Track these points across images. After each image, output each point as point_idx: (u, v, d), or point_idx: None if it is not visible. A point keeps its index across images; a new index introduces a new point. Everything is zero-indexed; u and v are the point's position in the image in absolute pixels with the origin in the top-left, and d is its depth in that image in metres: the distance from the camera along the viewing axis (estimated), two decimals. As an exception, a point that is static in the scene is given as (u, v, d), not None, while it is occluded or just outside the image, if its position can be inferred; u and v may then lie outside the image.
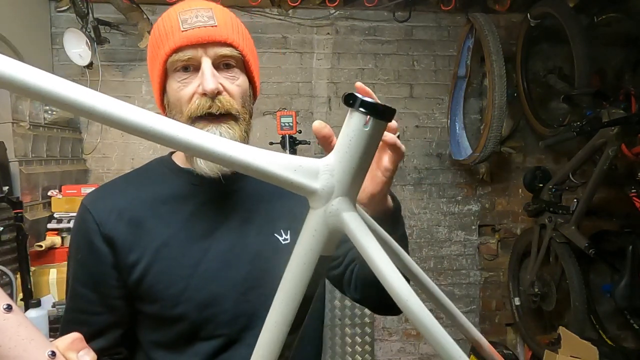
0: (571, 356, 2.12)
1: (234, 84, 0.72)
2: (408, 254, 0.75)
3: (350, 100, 0.33)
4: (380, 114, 0.33)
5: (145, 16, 2.48)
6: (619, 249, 2.33)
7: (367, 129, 0.33)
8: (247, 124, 0.75)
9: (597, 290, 2.69)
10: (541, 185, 2.60)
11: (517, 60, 2.75)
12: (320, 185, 0.34)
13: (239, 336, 0.73)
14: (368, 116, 0.33)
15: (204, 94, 0.69)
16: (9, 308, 0.30)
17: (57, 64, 2.62)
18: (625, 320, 2.47)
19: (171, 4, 0.77)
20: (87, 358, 0.40)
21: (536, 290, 2.46)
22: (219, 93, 0.69)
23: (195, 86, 0.70)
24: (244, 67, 0.75)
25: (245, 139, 0.74)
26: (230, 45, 0.70)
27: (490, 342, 0.49)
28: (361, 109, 0.33)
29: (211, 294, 0.72)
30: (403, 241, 0.68)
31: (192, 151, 0.33)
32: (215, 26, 0.69)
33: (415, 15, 2.77)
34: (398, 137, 0.59)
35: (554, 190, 2.45)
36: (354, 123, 0.33)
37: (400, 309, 0.32)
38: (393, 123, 0.57)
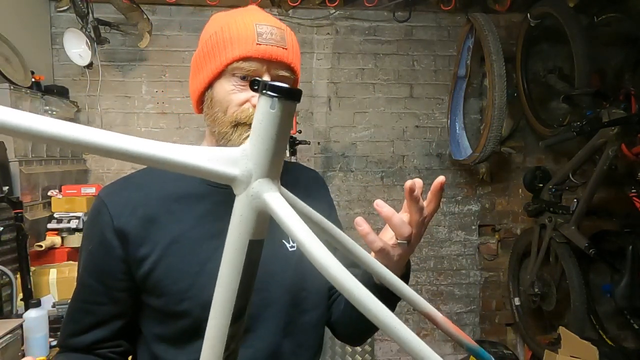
0: (571, 356, 2.12)
1: None
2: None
3: (255, 86, 0.35)
4: (284, 94, 0.34)
5: (145, 16, 2.48)
6: (619, 249, 2.34)
7: (274, 111, 0.34)
8: None
9: (597, 290, 2.69)
10: (541, 185, 2.61)
11: (517, 60, 2.76)
12: (239, 171, 0.35)
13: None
14: (274, 98, 0.34)
15: None
16: None
17: (57, 64, 2.62)
18: (625, 320, 2.47)
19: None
20: None
21: (536, 290, 2.46)
22: None
23: (249, 95, 0.72)
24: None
25: None
26: (291, 68, 0.75)
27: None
28: (266, 92, 0.34)
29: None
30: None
31: (111, 154, 0.32)
32: (285, 49, 0.73)
33: (415, 15, 2.77)
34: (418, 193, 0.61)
35: (554, 190, 2.45)
36: (262, 106, 0.35)
37: (331, 282, 0.32)
38: (418, 182, 0.60)
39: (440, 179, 0.60)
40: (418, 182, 0.60)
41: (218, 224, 0.73)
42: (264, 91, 0.34)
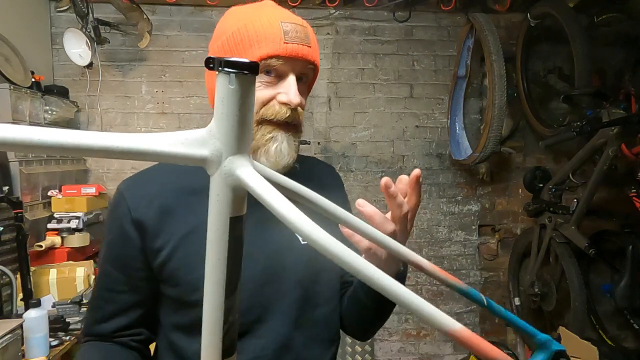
0: (571, 356, 2.12)
1: (304, 97, 0.79)
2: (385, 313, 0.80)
3: (210, 64, 0.34)
4: (240, 68, 0.34)
5: (145, 16, 2.48)
6: (619, 249, 2.34)
7: (233, 87, 0.34)
8: (301, 133, 0.82)
9: (597, 290, 2.69)
10: (541, 185, 2.60)
11: (517, 60, 2.75)
12: (209, 151, 0.36)
13: (251, 327, 0.75)
14: (231, 74, 0.34)
15: (285, 104, 0.74)
16: None
17: (57, 64, 2.62)
18: (625, 320, 2.47)
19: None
20: None
21: (536, 290, 2.46)
22: (300, 105, 0.76)
23: (275, 92, 0.74)
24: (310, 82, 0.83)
25: (299, 146, 0.82)
26: (314, 66, 0.78)
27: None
28: (222, 70, 0.34)
29: None
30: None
31: (82, 152, 0.32)
32: (310, 46, 0.75)
33: (415, 15, 2.78)
34: (418, 178, 0.61)
35: (554, 190, 2.45)
36: (221, 84, 0.34)
37: (317, 249, 0.32)
38: (416, 171, 0.61)
39: (416, 172, 0.61)
40: (413, 174, 0.61)
41: None
42: (220, 68, 0.34)
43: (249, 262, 0.74)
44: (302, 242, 0.80)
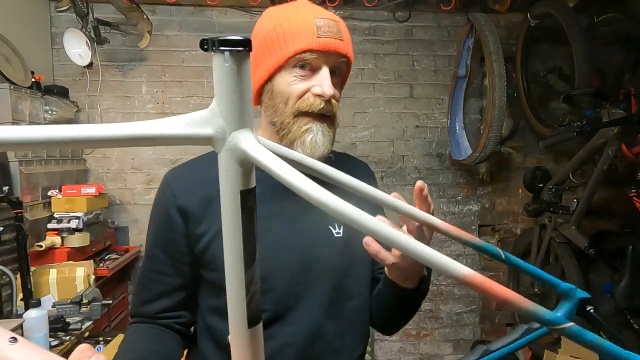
0: (571, 356, 2.12)
1: (338, 89, 0.82)
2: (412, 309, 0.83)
3: (205, 46, 0.36)
4: (233, 45, 0.35)
5: (145, 16, 2.48)
6: (619, 249, 2.33)
7: (229, 64, 0.35)
8: (336, 125, 0.85)
9: (597, 290, 2.69)
10: (541, 185, 2.60)
11: (517, 60, 2.75)
12: (213, 129, 0.37)
13: (283, 314, 0.79)
14: (225, 52, 0.35)
15: (319, 96, 0.77)
16: (14, 340, 0.30)
17: (57, 64, 2.62)
18: (625, 320, 2.47)
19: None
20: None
21: (536, 290, 2.46)
22: (333, 97, 0.79)
23: (309, 85, 0.78)
24: (344, 75, 0.86)
25: (334, 137, 0.84)
26: (347, 59, 0.81)
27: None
28: (216, 49, 0.35)
29: (264, 271, 0.81)
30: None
31: (92, 144, 0.34)
32: (342, 40, 0.78)
33: (415, 15, 2.78)
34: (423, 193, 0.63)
35: (554, 190, 2.45)
36: (217, 63, 0.35)
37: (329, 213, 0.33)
38: (419, 183, 0.62)
39: (418, 183, 0.62)
40: (416, 186, 0.62)
41: (270, 208, 0.80)
42: (214, 48, 0.35)
43: (285, 253, 0.80)
44: (336, 235, 0.83)
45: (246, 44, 0.35)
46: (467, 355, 0.47)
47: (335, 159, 0.86)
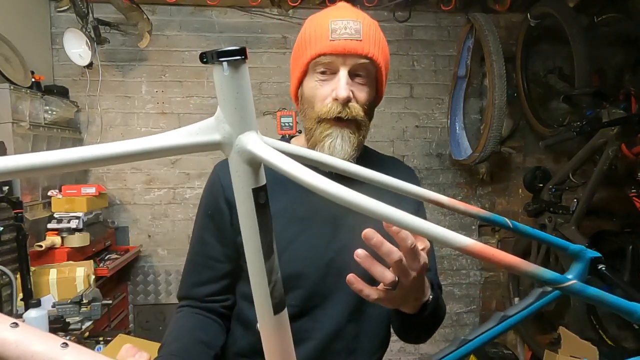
0: (571, 356, 2.12)
1: (363, 92, 0.80)
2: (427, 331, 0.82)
3: (204, 59, 0.38)
4: (230, 55, 0.37)
5: (145, 16, 2.48)
6: (619, 249, 2.33)
7: (227, 74, 0.37)
8: (366, 130, 0.84)
9: (597, 290, 2.69)
10: (541, 185, 2.60)
11: (517, 60, 2.75)
12: (220, 135, 0.40)
13: (309, 311, 0.82)
14: (223, 63, 0.37)
15: (336, 99, 0.77)
16: (65, 345, 0.31)
17: (57, 64, 2.62)
18: (625, 320, 2.47)
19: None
20: (143, 358, 0.43)
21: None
22: (349, 100, 0.78)
23: (330, 89, 0.78)
24: (375, 76, 0.83)
25: (361, 144, 0.84)
26: (369, 58, 0.77)
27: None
28: (213, 61, 0.37)
29: (296, 270, 0.82)
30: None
31: (106, 162, 0.36)
32: (360, 40, 0.76)
33: (415, 15, 2.78)
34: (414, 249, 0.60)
35: (554, 190, 2.45)
36: (217, 74, 0.38)
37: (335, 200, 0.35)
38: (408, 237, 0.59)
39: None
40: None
41: (307, 209, 0.83)
42: (213, 60, 0.37)
43: (316, 255, 0.84)
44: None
45: (242, 52, 0.37)
46: (487, 322, 0.50)
47: (381, 164, 0.87)
